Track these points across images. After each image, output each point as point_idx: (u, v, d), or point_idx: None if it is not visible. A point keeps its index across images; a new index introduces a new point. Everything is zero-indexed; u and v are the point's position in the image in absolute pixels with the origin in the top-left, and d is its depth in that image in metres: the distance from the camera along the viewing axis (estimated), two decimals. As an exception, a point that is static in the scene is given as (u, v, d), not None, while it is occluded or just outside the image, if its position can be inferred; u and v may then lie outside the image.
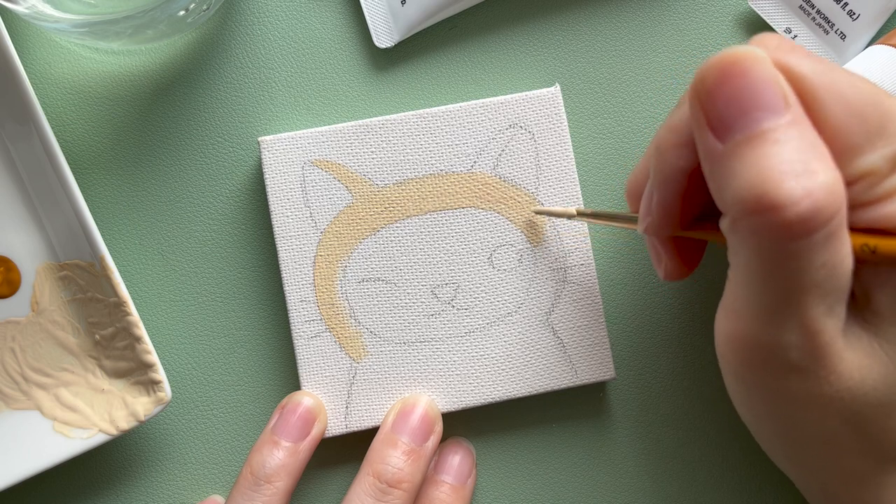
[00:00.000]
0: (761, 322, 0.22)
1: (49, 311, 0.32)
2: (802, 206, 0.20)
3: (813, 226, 0.20)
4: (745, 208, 0.20)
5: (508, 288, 0.32)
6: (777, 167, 0.20)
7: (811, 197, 0.20)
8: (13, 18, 0.33)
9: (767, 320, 0.22)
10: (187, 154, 0.34)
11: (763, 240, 0.20)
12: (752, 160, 0.20)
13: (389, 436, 0.30)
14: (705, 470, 0.33)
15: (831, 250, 0.20)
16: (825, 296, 0.21)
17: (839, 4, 0.33)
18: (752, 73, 0.21)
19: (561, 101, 0.32)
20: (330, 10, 0.34)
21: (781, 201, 0.20)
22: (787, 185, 0.20)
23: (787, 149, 0.20)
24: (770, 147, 0.20)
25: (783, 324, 0.21)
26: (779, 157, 0.20)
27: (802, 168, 0.20)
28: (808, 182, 0.20)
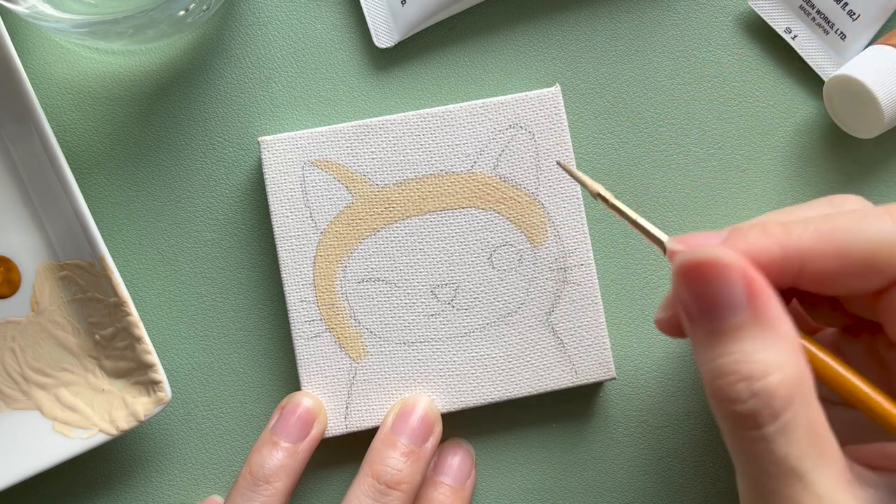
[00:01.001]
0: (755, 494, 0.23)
1: (49, 311, 0.32)
2: (748, 405, 0.22)
3: (761, 420, 0.22)
4: (710, 394, 0.23)
5: (508, 288, 0.32)
6: (730, 366, 0.22)
7: (756, 397, 0.22)
8: (13, 18, 0.33)
9: (758, 492, 0.23)
10: (187, 154, 0.34)
11: (727, 423, 0.22)
12: (714, 353, 0.23)
13: (389, 436, 0.30)
14: (705, 470, 0.33)
15: (791, 439, 0.22)
16: (805, 483, 0.22)
17: (839, 4, 0.33)
18: (714, 276, 0.23)
19: (561, 101, 0.32)
20: (330, 10, 0.34)
21: (732, 397, 0.22)
22: (735, 386, 0.22)
23: (742, 347, 0.22)
24: (728, 345, 0.22)
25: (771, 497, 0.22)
26: (733, 356, 0.22)
27: (750, 370, 0.22)
28: (754, 385, 0.22)
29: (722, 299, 0.22)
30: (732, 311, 0.22)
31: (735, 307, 0.22)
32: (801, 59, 0.34)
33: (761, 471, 0.22)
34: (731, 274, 0.23)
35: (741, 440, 0.22)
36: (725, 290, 0.22)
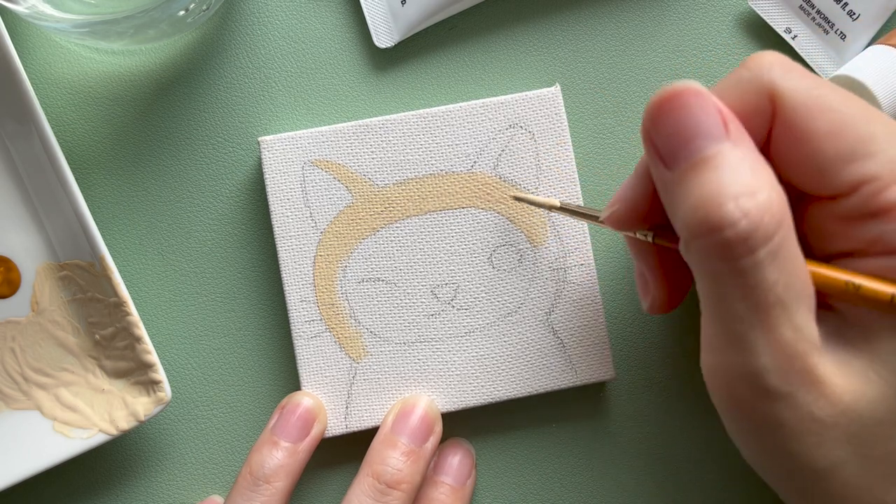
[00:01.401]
0: (734, 349, 0.22)
1: (49, 311, 0.32)
2: (741, 226, 0.21)
3: (754, 243, 0.21)
4: (692, 232, 0.22)
5: (508, 288, 0.32)
6: (716, 191, 0.21)
7: (748, 216, 0.21)
8: (13, 18, 0.33)
9: (739, 346, 0.22)
10: (187, 154, 0.34)
11: (712, 261, 0.21)
12: (695, 186, 0.22)
13: (389, 436, 0.30)
14: (705, 470, 0.33)
15: (780, 267, 0.21)
16: (789, 314, 0.22)
17: (839, 4, 0.33)
18: (690, 105, 0.22)
19: (561, 101, 0.32)
20: (330, 10, 0.34)
21: (721, 222, 0.21)
22: (725, 208, 0.21)
23: (726, 172, 0.21)
24: (710, 172, 0.21)
25: (754, 348, 0.22)
26: (718, 182, 0.21)
27: (740, 190, 0.21)
28: (745, 203, 0.21)
29: (700, 128, 0.22)
30: (711, 140, 0.22)
31: (714, 136, 0.22)
32: (801, 59, 0.34)
33: (743, 305, 0.22)
34: (706, 101, 0.22)
35: (725, 275, 0.21)
36: (703, 118, 0.22)
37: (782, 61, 0.24)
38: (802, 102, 0.23)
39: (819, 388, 0.22)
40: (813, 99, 0.23)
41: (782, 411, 0.22)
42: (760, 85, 0.23)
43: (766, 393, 0.22)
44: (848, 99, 0.23)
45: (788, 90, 0.23)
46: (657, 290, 0.28)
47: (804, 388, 0.22)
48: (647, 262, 0.28)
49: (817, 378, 0.22)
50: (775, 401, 0.22)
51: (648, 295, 0.29)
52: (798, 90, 0.23)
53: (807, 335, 0.22)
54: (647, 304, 0.29)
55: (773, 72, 0.23)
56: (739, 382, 0.22)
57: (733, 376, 0.23)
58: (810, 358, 0.22)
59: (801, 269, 0.22)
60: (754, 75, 0.23)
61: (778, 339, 0.22)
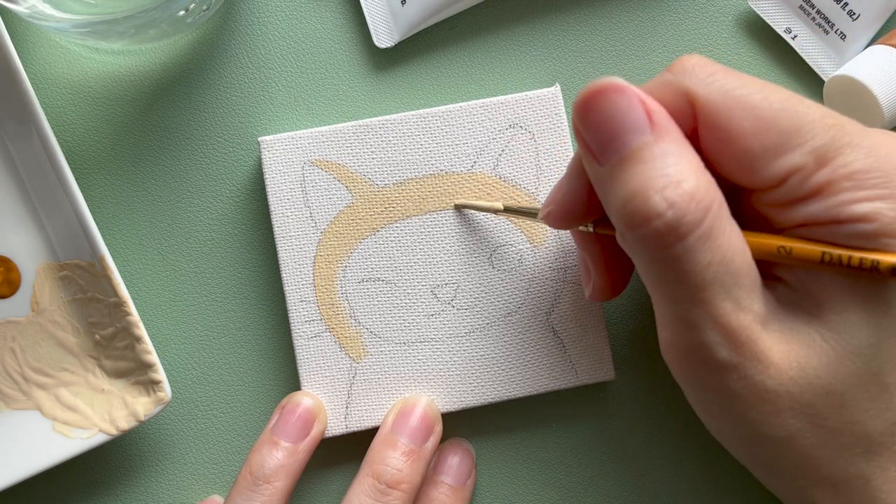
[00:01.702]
0: (680, 327, 0.23)
1: (49, 311, 0.32)
2: (668, 216, 0.21)
3: (683, 230, 0.22)
4: (624, 224, 0.22)
5: (508, 288, 0.32)
6: (644, 183, 0.22)
7: (674, 206, 0.21)
8: (13, 18, 0.33)
9: (684, 325, 0.23)
10: (187, 154, 0.34)
11: (646, 250, 0.22)
12: (624, 180, 0.22)
13: (389, 436, 0.30)
14: (705, 470, 0.33)
15: (713, 248, 0.22)
16: (727, 291, 0.22)
17: (839, 4, 0.33)
18: (614, 101, 0.23)
19: (561, 101, 0.32)
20: (330, 10, 0.34)
21: (648, 214, 0.22)
22: (652, 200, 0.22)
23: (652, 165, 0.22)
24: (637, 166, 0.22)
25: (698, 324, 0.23)
26: (645, 175, 0.22)
27: (665, 182, 0.22)
28: (670, 193, 0.22)
29: (625, 123, 0.22)
30: (637, 134, 0.22)
31: (639, 129, 0.22)
32: (801, 59, 0.34)
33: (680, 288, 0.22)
34: (629, 95, 0.23)
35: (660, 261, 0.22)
36: (626, 112, 0.23)
37: (703, 64, 0.24)
38: (722, 103, 0.23)
39: (767, 359, 0.23)
40: (735, 99, 0.23)
41: (734, 382, 0.23)
42: (678, 88, 0.24)
43: (716, 365, 0.23)
44: (773, 93, 0.24)
45: (703, 94, 0.24)
46: (598, 277, 0.29)
47: (752, 358, 0.23)
48: (589, 250, 0.29)
49: (761, 349, 0.23)
50: (726, 371, 0.23)
51: (590, 282, 0.29)
52: (715, 92, 0.24)
53: (747, 309, 0.23)
54: (589, 290, 0.30)
55: (691, 75, 0.24)
56: (690, 356, 0.23)
57: (683, 350, 0.23)
58: (753, 330, 0.23)
59: (737, 247, 0.23)
60: (674, 78, 0.24)
61: (719, 315, 0.22)
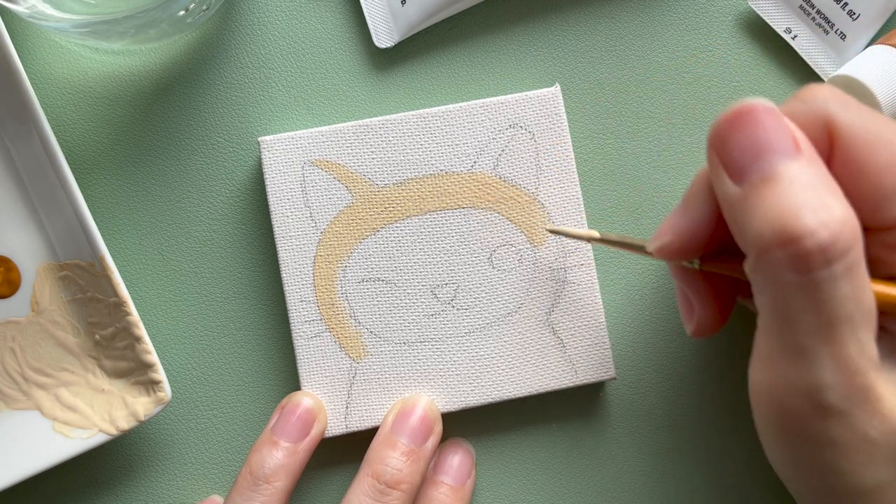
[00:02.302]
0: (795, 364, 0.22)
1: (49, 311, 0.32)
2: (821, 236, 0.21)
3: (832, 255, 0.21)
4: (767, 243, 0.21)
5: (508, 288, 0.32)
6: (794, 202, 0.21)
7: (828, 228, 0.21)
8: (13, 18, 0.33)
9: (801, 360, 0.22)
10: (187, 154, 0.34)
11: (787, 273, 0.21)
12: (770, 198, 0.21)
13: (389, 436, 0.30)
14: (705, 470, 0.33)
15: (853, 282, 0.21)
16: (855, 330, 0.21)
17: (839, 4, 0.33)
18: (763, 121, 0.22)
19: (561, 101, 0.32)
20: (330, 10, 0.34)
21: (800, 232, 0.21)
22: (805, 218, 0.21)
23: (801, 187, 0.21)
24: (785, 185, 0.21)
25: (817, 362, 0.22)
26: (794, 194, 0.21)
27: (818, 203, 0.21)
28: (824, 215, 0.21)
29: (773, 144, 0.22)
30: (784, 156, 0.22)
31: (787, 151, 0.22)
32: (801, 59, 0.34)
33: (812, 319, 0.21)
34: (779, 119, 0.22)
35: (797, 288, 0.21)
36: (775, 134, 0.22)
37: (837, 94, 0.24)
38: (861, 136, 0.23)
39: (875, 406, 0.22)
40: (871, 133, 0.23)
41: (836, 428, 0.22)
42: (817, 117, 0.23)
43: (823, 410, 0.22)
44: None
45: (846, 123, 0.23)
46: (705, 312, 0.28)
47: (861, 405, 0.22)
48: (693, 286, 0.28)
49: (875, 396, 0.22)
50: (831, 417, 0.22)
51: (693, 318, 0.28)
52: (855, 124, 0.23)
53: (868, 353, 0.22)
54: (693, 327, 0.28)
55: (829, 104, 0.23)
56: (795, 398, 0.22)
57: (788, 391, 0.22)
58: (870, 375, 0.22)
59: (869, 291, 0.22)
60: (810, 108, 0.24)
61: (843, 355, 0.21)
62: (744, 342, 0.33)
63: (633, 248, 0.29)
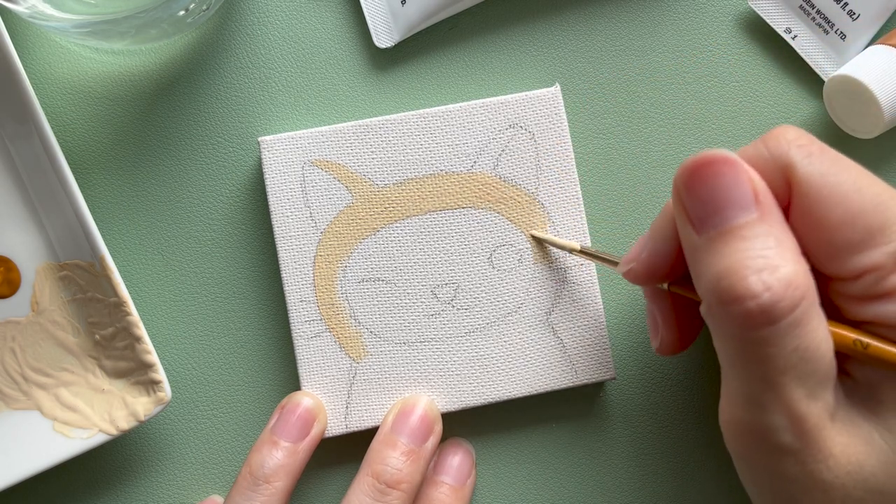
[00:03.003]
0: (749, 406, 0.23)
1: (49, 311, 0.32)
2: (763, 299, 0.21)
3: (775, 315, 0.21)
4: (715, 298, 0.22)
5: (508, 288, 0.32)
6: (742, 262, 0.22)
7: (771, 290, 0.21)
8: (13, 18, 0.33)
9: (753, 404, 0.23)
10: (187, 154, 0.34)
11: (733, 327, 0.22)
12: (722, 255, 0.22)
13: (389, 436, 0.30)
14: (705, 470, 0.33)
15: (800, 336, 0.22)
16: (803, 379, 0.22)
17: (839, 4, 0.33)
18: (723, 174, 0.23)
19: (561, 101, 0.32)
20: (330, 10, 0.34)
21: (743, 294, 0.22)
22: (749, 280, 0.22)
23: (753, 244, 0.22)
24: (738, 243, 0.22)
25: (767, 407, 0.22)
26: (744, 253, 0.22)
27: (764, 263, 0.22)
28: (768, 277, 0.22)
29: (731, 198, 0.22)
30: (741, 211, 0.22)
31: (744, 206, 0.22)
32: (801, 59, 0.34)
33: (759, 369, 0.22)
34: (740, 172, 0.23)
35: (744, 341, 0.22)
36: (734, 188, 0.22)
37: (801, 140, 0.24)
38: (817, 189, 0.23)
39: (827, 450, 0.23)
40: (828, 187, 0.23)
41: (791, 466, 0.23)
42: (777, 165, 0.24)
43: (777, 447, 0.23)
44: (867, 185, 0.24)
45: (804, 175, 0.24)
46: (667, 332, 0.29)
47: (813, 448, 0.23)
48: (659, 305, 0.29)
49: (823, 440, 0.23)
50: (785, 455, 0.23)
51: (658, 336, 0.29)
52: (814, 176, 0.24)
53: (819, 398, 0.23)
54: (657, 344, 0.29)
55: (791, 152, 0.24)
56: (752, 435, 0.23)
57: (746, 428, 0.23)
58: (820, 421, 0.23)
59: (822, 337, 0.22)
60: (772, 154, 0.24)
61: (790, 403, 0.22)
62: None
63: (609, 263, 0.30)
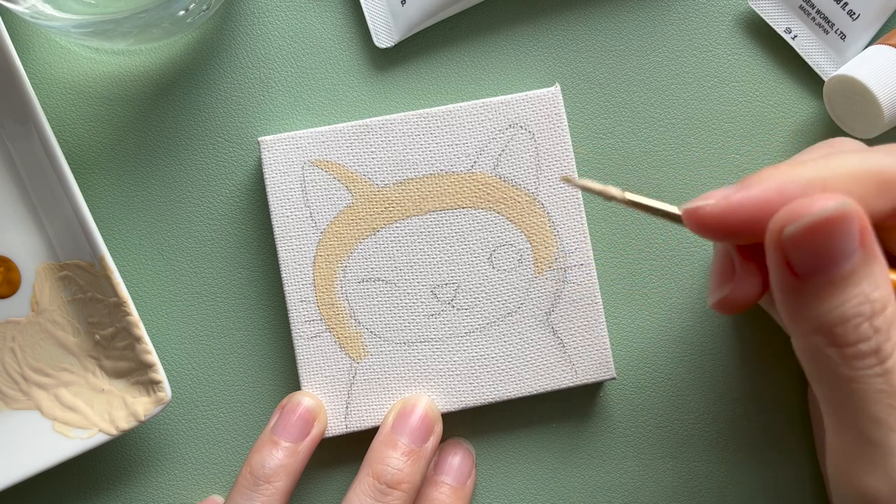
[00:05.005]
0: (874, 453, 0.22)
1: (49, 311, 0.32)
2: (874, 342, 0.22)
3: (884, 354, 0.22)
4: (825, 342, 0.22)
5: (508, 288, 0.32)
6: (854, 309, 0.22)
7: (879, 332, 0.22)
8: (13, 18, 0.33)
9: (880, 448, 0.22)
10: (187, 154, 0.34)
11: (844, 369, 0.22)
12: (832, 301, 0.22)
13: (389, 436, 0.30)
14: (704, 470, 0.33)
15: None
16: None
17: (839, 4, 0.33)
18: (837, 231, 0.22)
19: (561, 101, 0.32)
20: (330, 10, 0.34)
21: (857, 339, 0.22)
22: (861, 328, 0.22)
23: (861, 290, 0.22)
24: (847, 290, 0.22)
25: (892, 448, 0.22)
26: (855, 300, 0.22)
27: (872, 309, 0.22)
28: (878, 321, 0.22)
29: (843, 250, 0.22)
30: (848, 258, 0.22)
31: (851, 252, 0.22)
32: (801, 59, 0.34)
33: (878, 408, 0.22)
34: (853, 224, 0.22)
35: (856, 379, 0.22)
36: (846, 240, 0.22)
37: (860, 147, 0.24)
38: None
39: None
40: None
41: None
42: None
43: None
44: None
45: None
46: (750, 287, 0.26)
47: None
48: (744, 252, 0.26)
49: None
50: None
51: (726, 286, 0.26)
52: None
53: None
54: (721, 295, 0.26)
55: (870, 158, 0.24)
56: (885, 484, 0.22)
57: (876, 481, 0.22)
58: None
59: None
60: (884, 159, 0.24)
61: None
62: (743, 344, 0.33)
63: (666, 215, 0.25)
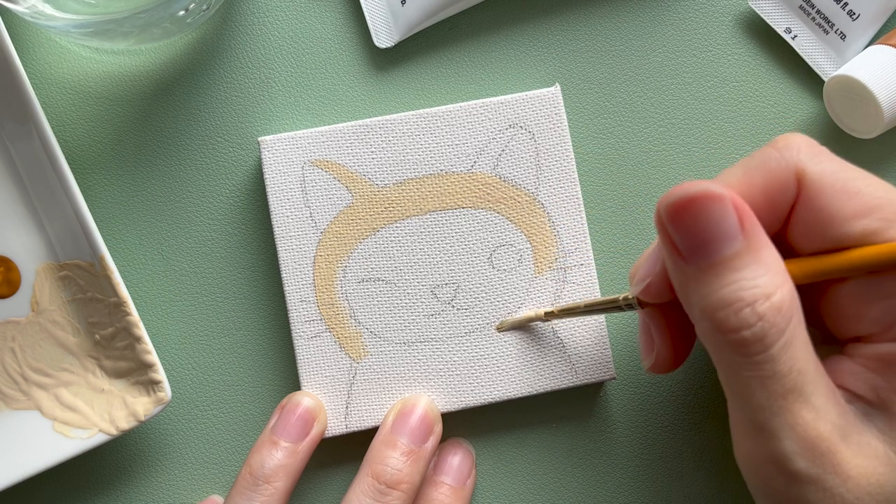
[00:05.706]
0: (760, 436, 0.23)
1: (49, 311, 0.32)
2: (757, 328, 0.22)
3: (768, 341, 0.22)
4: (710, 328, 0.23)
5: (508, 288, 0.32)
6: (735, 294, 0.22)
7: (763, 319, 0.22)
8: (13, 18, 0.33)
9: (762, 433, 0.23)
10: (187, 154, 0.34)
11: (730, 353, 0.23)
12: (714, 286, 0.23)
13: (389, 436, 0.30)
14: (704, 470, 0.33)
15: (792, 356, 0.22)
16: (806, 399, 0.22)
17: (839, 4, 0.33)
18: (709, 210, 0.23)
19: (561, 101, 0.32)
20: (330, 10, 0.34)
21: (739, 325, 0.22)
22: (743, 312, 0.22)
23: (743, 275, 0.22)
24: (729, 274, 0.23)
25: (778, 433, 0.23)
26: (736, 285, 0.22)
27: (756, 294, 0.22)
28: (760, 307, 0.22)
29: (718, 231, 0.23)
30: (728, 242, 0.23)
31: (731, 237, 0.23)
32: (801, 59, 0.34)
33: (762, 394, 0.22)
34: (725, 205, 0.23)
35: (744, 366, 0.22)
36: (721, 221, 0.23)
37: (810, 143, 0.25)
38: (831, 185, 0.24)
39: (845, 472, 0.23)
40: (841, 182, 0.24)
41: (812, 494, 0.23)
42: (787, 165, 0.24)
43: (795, 476, 0.23)
44: (873, 181, 0.24)
45: (815, 172, 0.24)
46: (664, 349, 0.28)
47: (831, 470, 0.23)
48: (657, 322, 0.28)
49: (841, 460, 0.23)
50: (805, 484, 0.23)
51: (652, 354, 0.29)
52: (825, 173, 0.24)
53: (826, 417, 0.23)
54: (650, 362, 0.29)
55: (801, 153, 0.24)
56: (769, 467, 0.23)
57: (763, 461, 0.23)
58: (832, 441, 0.23)
59: (811, 356, 0.23)
60: (782, 156, 0.24)
61: (799, 424, 0.22)
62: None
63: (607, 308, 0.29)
